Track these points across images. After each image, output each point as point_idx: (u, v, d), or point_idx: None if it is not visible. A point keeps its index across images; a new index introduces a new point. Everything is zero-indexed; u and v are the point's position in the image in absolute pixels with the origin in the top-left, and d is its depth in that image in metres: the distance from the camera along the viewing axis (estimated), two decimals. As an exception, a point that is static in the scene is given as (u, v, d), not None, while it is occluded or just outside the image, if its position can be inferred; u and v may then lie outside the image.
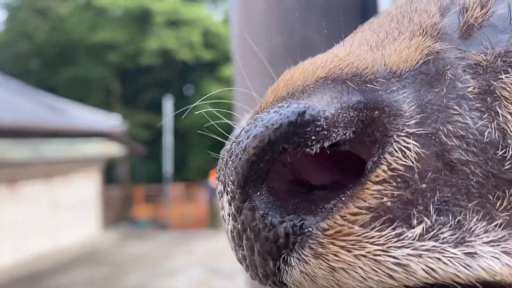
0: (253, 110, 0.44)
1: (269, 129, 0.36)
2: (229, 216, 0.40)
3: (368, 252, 0.33)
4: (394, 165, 0.33)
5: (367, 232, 0.33)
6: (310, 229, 0.35)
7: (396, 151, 0.33)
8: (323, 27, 0.97)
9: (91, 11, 24.13)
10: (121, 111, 21.17)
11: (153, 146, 21.94)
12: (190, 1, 25.18)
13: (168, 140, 18.53)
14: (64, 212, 14.03)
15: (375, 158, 0.34)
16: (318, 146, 0.34)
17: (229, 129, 0.49)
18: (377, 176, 0.34)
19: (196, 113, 0.63)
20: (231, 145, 0.40)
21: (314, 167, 0.39)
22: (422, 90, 0.35)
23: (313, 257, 0.35)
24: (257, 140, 0.36)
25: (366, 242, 0.33)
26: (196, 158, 23.68)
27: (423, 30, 0.38)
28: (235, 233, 0.40)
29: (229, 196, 0.39)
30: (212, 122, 0.56)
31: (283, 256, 0.36)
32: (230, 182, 0.39)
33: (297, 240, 0.35)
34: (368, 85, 0.36)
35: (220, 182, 0.41)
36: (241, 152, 0.37)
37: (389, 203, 0.33)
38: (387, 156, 0.34)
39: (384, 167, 0.34)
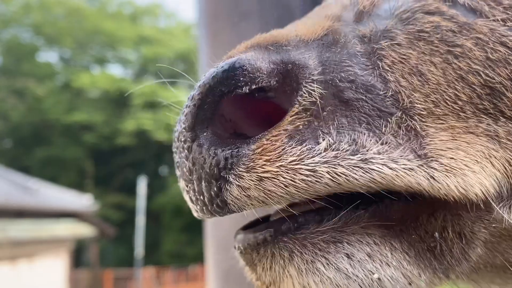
0: None
1: (208, 78, 0.46)
2: (183, 160, 0.49)
3: (288, 163, 0.43)
4: (304, 102, 0.44)
5: (285, 148, 0.43)
6: (244, 151, 0.45)
7: (305, 93, 0.45)
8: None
9: (69, 93, 24.41)
10: (94, 191, 20.84)
11: (125, 228, 21.42)
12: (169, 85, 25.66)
13: (140, 221, 18.16)
14: (29, 297, 13.31)
15: (291, 101, 0.45)
16: (247, 88, 0.45)
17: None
18: (292, 112, 0.45)
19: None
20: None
21: (251, 124, 0.49)
22: (323, 51, 0.47)
23: (246, 171, 0.44)
24: (200, 88, 0.47)
25: (285, 155, 0.43)
26: (168, 241, 23.14)
27: (326, 17, 0.52)
28: (187, 171, 0.48)
29: (181, 142, 0.48)
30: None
31: (224, 176, 0.45)
32: (183, 130, 0.48)
33: (234, 161, 0.45)
34: (283, 47, 0.48)
35: (177, 139, 0.50)
36: (189, 101, 0.48)
37: (300, 127, 0.44)
38: (299, 97, 0.45)
39: (297, 105, 0.45)
